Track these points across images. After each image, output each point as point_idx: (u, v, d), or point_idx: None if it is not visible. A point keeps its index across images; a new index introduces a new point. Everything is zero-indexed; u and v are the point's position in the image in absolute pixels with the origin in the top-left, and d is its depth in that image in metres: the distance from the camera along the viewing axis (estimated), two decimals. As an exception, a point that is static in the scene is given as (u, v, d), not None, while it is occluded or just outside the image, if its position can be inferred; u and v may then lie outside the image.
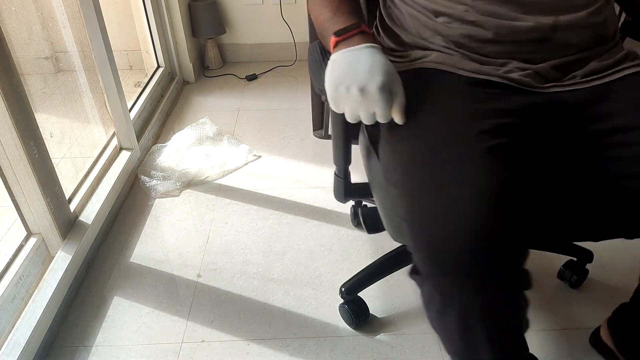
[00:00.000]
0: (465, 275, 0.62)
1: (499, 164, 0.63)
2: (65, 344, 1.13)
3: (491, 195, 0.60)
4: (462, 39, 0.78)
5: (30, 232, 1.20)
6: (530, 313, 1.18)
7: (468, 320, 0.67)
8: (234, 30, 2.52)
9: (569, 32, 0.76)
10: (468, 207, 0.60)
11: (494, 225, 0.59)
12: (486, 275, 0.62)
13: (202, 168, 1.68)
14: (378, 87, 0.67)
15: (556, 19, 0.75)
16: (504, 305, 0.67)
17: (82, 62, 1.59)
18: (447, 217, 0.61)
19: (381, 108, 0.68)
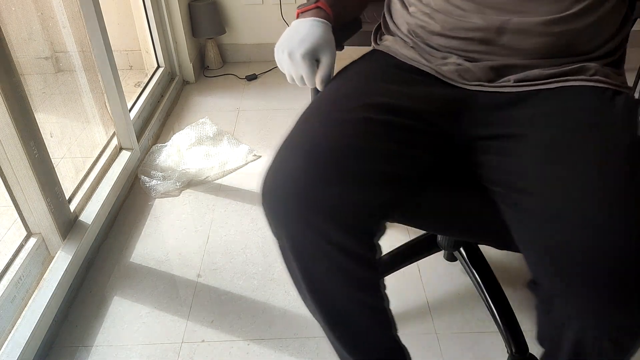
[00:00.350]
0: (276, 214, 0.67)
1: (358, 132, 0.68)
2: (65, 344, 1.13)
3: (327, 153, 0.65)
4: (417, 29, 0.83)
5: (30, 232, 1.20)
6: (530, 313, 1.19)
7: (288, 262, 0.72)
8: (234, 30, 2.52)
9: (517, 36, 0.75)
10: (300, 157, 0.66)
11: (314, 177, 0.64)
12: (294, 219, 0.66)
13: (202, 168, 1.68)
14: (301, 54, 0.77)
15: (506, 21, 0.74)
16: (315, 250, 0.67)
17: (82, 62, 1.59)
18: (282, 165, 0.67)
19: (305, 73, 0.79)
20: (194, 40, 2.45)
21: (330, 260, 0.68)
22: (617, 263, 0.55)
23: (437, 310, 1.18)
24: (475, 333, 1.13)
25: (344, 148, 0.66)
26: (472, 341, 1.11)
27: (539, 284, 0.64)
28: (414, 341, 1.11)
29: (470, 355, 1.08)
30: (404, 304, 1.20)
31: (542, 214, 0.61)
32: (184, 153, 1.76)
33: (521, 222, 0.65)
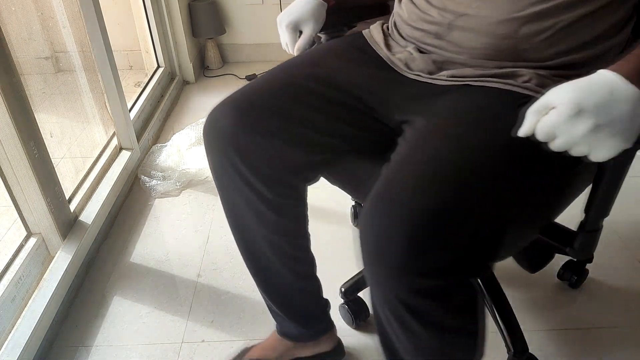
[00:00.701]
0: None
1: (290, 96, 0.78)
2: (65, 344, 1.13)
3: (254, 109, 0.76)
4: (397, 18, 0.89)
5: (30, 232, 1.20)
6: (530, 313, 1.19)
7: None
8: (234, 30, 2.52)
9: (464, 34, 0.75)
10: (234, 107, 0.77)
11: (238, 125, 0.76)
12: (220, 147, 0.79)
13: (202, 168, 1.68)
14: (285, 24, 0.92)
15: (456, 18, 0.76)
16: (233, 184, 0.81)
17: (82, 62, 1.59)
18: (220, 109, 0.79)
19: (287, 40, 0.93)
20: (194, 40, 2.45)
21: (244, 196, 0.80)
22: (380, 232, 0.58)
23: (437, 310, 1.18)
24: (475, 333, 1.13)
25: (271, 107, 0.77)
26: (472, 341, 1.11)
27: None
28: (414, 341, 1.11)
29: (470, 355, 1.08)
30: (404, 304, 1.20)
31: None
32: (184, 153, 1.76)
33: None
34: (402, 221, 0.57)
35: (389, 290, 0.60)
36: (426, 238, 0.56)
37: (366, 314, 1.14)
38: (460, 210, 0.58)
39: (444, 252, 0.57)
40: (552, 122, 0.54)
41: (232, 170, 0.78)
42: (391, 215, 0.58)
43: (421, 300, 0.59)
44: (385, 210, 0.59)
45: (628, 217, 1.45)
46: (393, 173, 0.63)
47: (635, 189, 1.56)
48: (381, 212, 0.59)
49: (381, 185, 0.62)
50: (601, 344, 1.09)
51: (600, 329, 1.13)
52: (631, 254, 1.32)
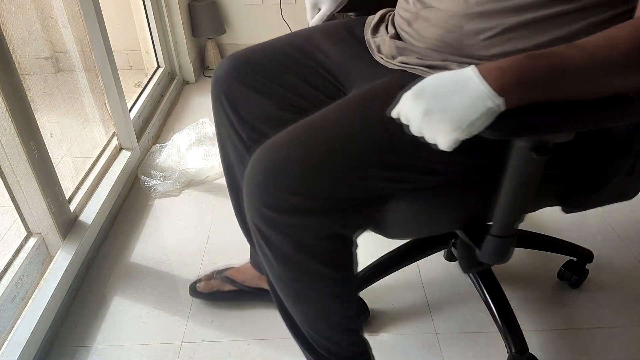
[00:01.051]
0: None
1: (278, 60, 0.92)
2: (65, 344, 1.13)
3: (245, 64, 0.92)
4: (397, 5, 0.92)
5: (30, 232, 1.20)
6: (530, 313, 1.19)
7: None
8: (234, 30, 2.52)
9: (423, 23, 0.79)
10: (230, 59, 0.94)
11: (231, 74, 0.92)
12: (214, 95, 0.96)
13: (202, 168, 1.68)
14: (307, 1, 1.01)
15: (423, 8, 0.79)
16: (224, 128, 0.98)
17: (82, 62, 1.59)
18: (222, 61, 0.95)
19: (307, 15, 1.03)
20: (194, 40, 2.45)
21: (229, 135, 0.97)
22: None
23: (437, 310, 1.18)
24: (475, 333, 1.13)
25: (260, 66, 0.91)
26: (472, 341, 1.11)
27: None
28: (414, 341, 1.11)
29: (470, 355, 1.08)
30: (404, 304, 1.20)
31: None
32: (184, 153, 1.76)
33: None
34: (265, 164, 0.69)
35: (250, 216, 0.71)
36: (274, 181, 0.67)
37: (366, 314, 1.14)
38: (312, 167, 0.67)
39: (290, 196, 0.67)
40: (400, 103, 0.59)
41: (222, 111, 0.95)
42: (261, 159, 0.70)
43: (270, 230, 0.70)
44: (261, 154, 0.70)
45: (628, 217, 1.45)
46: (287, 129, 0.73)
47: (635, 189, 1.56)
48: (258, 155, 0.70)
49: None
50: (601, 344, 1.09)
51: (600, 329, 1.13)
52: (631, 254, 1.32)
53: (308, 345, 0.86)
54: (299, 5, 2.41)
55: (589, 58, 0.57)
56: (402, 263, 1.19)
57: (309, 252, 0.72)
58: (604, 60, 0.57)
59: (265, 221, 0.69)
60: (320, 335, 0.83)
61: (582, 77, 0.57)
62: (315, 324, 0.82)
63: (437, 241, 1.17)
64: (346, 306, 0.82)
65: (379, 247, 1.37)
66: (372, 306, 1.18)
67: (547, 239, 1.25)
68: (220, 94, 0.93)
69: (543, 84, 0.56)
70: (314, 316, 0.81)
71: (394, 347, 1.10)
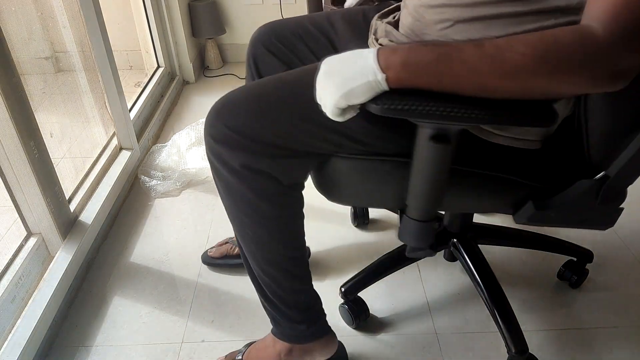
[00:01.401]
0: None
1: (299, 33, 1.06)
2: (65, 344, 1.13)
3: (275, 26, 1.08)
4: None
5: (30, 232, 1.20)
6: (530, 313, 1.19)
7: None
8: (234, 30, 2.52)
9: (404, 12, 0.82)
10: (268, 24, 1.10)
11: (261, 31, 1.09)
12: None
13: (202, 168, 1.68)
14: None
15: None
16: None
17: (82, 62, 1.59)
18: (265, 24, 1.10)
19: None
20: (194, 40, 2.45)
21: (253, 79, 1.13)
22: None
23: (437, 310, 1.18)
24: (475, 333, 1.13)
25: (284, 36, 1.06)
26: (472, 341, 1.11)
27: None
28: (414, 341, 1.11)
29: (470, 355, 1.08)
30: (404, 304, 1.20)
31: None
32: (184, 153, 1.76)
33: None
34: (218, 102, 0.80)
35: (207, 136, 0.80)
36: (217, 116, 0.78)
37: (366, 314, 1.14)
38: (246, 109, 0.77)
39: (225, 129, 0.76)
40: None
41: (249, 70, 1.11)
42: (222, 99, 0.80)
43: (214, 158, 0.80)
44: (224, 96, 0.80)
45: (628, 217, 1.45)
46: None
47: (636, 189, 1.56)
48: (223, 97, 0.80)
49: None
50: (601, 344, 1.10)
51: (600, 329, 1.13)
52: (631, 254, 1.32)
53: (259, 286, 0.92)
54: (299, 5, 2.41)
55: (481, 54, 0.58)
56: (402, 263, 1.19)
57: (245, 182, 0.79)
58: (496, 59, 0.57)
59: (211, 149, 0.80)
60: (264, 273, 0.88)
61: (469, 72, 0.58)
62: (256, 259, 0.88)
63: (437, 241, 1.17)
64: (288, 246, 0.87)
65: (378, 247, 1.37)
66: (372, 306, 1.18)
67: (547, 239, 1.25)
68: (250, 56, 1.09)
69: (427, 69, 0.59)
70: (255, 249, 0.87)
71: (394, 347, 1.10)
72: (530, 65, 0.56)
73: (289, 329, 0.95)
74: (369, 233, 1.42)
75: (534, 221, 0.82)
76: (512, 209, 0.84)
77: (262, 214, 0.83)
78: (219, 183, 0.84)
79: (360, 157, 0.78)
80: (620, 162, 0.73)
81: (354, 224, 1.45)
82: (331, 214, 1.48)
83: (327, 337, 0.99)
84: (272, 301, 0.91)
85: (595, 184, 0.76)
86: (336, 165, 0.80)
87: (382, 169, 0.78)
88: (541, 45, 0.56)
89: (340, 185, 0.82)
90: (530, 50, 0.56)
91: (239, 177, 0.79)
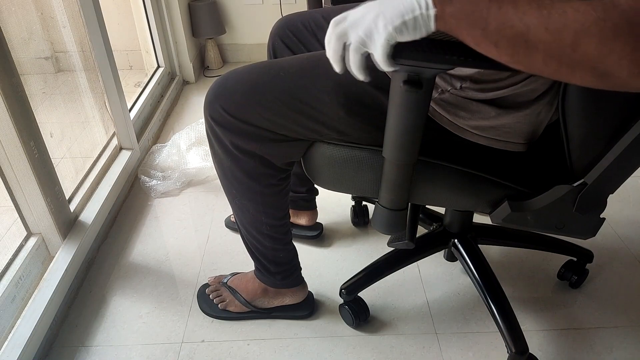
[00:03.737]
0: None
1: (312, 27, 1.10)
2: (65, 344, 1.13)
3: (293, 18, 1.13)
4: None
5: (30, 232, 1.20)
6: (530, 313, 1.19)
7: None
8: (234, 30, 2.52)
9: None
10: (290, 15, 1.16)
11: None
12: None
13: (202, 168, 1.68)
14: None
15: None
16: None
17: (82, 62, 1.59)
18: (288, 15, 1.17)
19: None
20: (194, 40, 2.45)
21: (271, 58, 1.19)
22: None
23: (437, 310, 1.18)
24: (475, 333, 1.13)
25: (296, 27, 1.10)
26: (472, 341, 1.11)
27: None
28: (414, 341, 1.11)
29: (470, 355, 1.08)
30: (404, 304, 1.20)
31: None
32: (184, 153, 1.76)
33: None
34: (215, 82, 0.85)
35: (206, 113, 0.86)
36: (214, 96, 0.84)
37: (366, 314, 1.14)
38: (239, 92, 0.82)
39: (220, 109, 0.82)
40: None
41: (271, 52, 1.15)
42: (222, 78, 0.85)
43: (211, 135, 0.88)
44: (225, 75, 0.86)
45: (628, 217, 1.45)
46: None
47: (636, 189, 1.56)
48: (224, 76, 0.86)
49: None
50: (601, 344, 1.10)
51: (600, 329, 1.13)
52: (631, 254, 1.32)
53: (244, 240, 1.06)
54: (299, 5, 2.41)
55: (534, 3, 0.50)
56: (402, 263, 1.19)
57: (235, 159, 0.88)
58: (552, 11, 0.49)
59: (209, 126, 0.87)
60: (248, 233, 1.02)
61: (516, 17, 0.51)
62: (241, 221, 1.01)
63: (437, 241, 1.17)
64: (270, 217, 0.98)
65: (378, 248, 1.37)
66: (372, 306, 1.18)
67: (547, 239, 1.25)
68: (270, 48, 1.15)
69: (475, 14, 0.53)
70: (241, 215, 0.99)
71: (394, 347, 1.10)
72: (586, 23, 0.48)
73: (266, 277, 1.10)
74: (369, 233, 1.42)
75: (510, 222, 0.83)
76: (490, 209, 0.85)
77: (249, 189, 0.92)
78: (213, 157, 0.92)
79: (340, 144, 0.83)
80: (597, 171, 0.73)
81: (354, 223, 1.45)
82: (331, 214, 1.48)
83: (299, 287, 1.14)
84: (253, 254, 1.07)
85: (572, 191, 0.76)
86: (319, 150, 0.85)
87: (359, 156, 0.82)
88: (600, 5, 0.48)
89: (323, 170, 0.87)
90: (572, 34, 0.49)
91: (230, 154, 0.88)
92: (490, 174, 0.80)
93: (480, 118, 0.76)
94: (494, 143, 0.78)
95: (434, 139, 0.78)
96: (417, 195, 0.84)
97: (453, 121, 0.77)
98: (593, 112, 0.70)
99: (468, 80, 0.74)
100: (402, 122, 0.68)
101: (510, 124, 0.76)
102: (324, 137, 0.83)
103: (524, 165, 0.82)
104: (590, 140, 0.73)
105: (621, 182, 0.76)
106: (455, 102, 0.76)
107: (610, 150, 0.70)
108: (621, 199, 1.52)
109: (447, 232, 1.15)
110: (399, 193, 0.77)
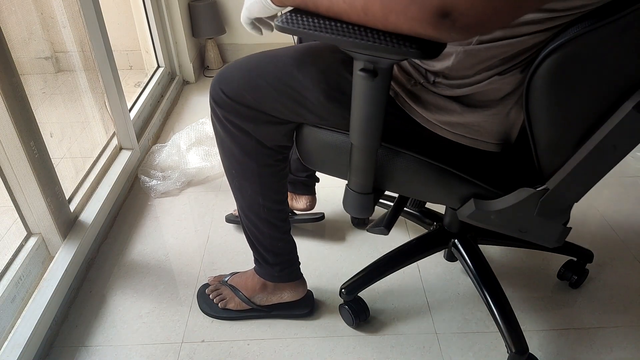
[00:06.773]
0: None
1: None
2: (65, 344, 1.13)
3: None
4: None
5: (30, 232, 1.20)
6: (530, 313, 1.19)
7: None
8: (234, 30, 2.52)
9: None
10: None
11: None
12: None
13: (202, 168, 1.68)
14: None
15: None
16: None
17: (82, 62, 1.59)
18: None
19: None
20: (194, 40, 2.45)
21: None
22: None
23: (437, 310, 1.18)
24: (475, 333, 1.13)
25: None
26: (472, 341, 1.11)
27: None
28: (414, 341, 1.11)
29: (470, 355, 1.08)
30: (404, 304, 1.20)
31: None
32: (184, 153, 1.76)
33: None
34: (225, 68, 0.92)
35: (210, 96, 0.94)
36: (218, 81, 0.91)
37: (366, 314, 1.14)
38: (237, 78, 0.89)
39: (220, 92, 0.90)
40: None
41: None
42: (226, 67, 0.93)
43: (214, 117, 0.95)
44: (229, 64, 0.93)
45: (628, 217, 1.45)
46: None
47: (636, 189, 1.56)
48: (228, 65, 0.93)
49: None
50: (601, 344, 1.10)
51: (600, 328, 1.13)
52: (631, 254, 1.32)
53: (243, 228, 1.08)
54: (299, 5, 2.40)
55: None
56: (402, 263, 1.19)
57: (234, 140, 0.94)
58: None
59: (212, 108, 0.94)
60: (247, 217, 1.04)
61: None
62: (240, 205, 1.03)
63: (437, 241, 1.17)
64: (267, 199, 1.01)
65: (378, 248, 1.37)
66: (372, 306, 1.18)
67: (547, 239, 1.25)
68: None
69: None
70: (240, 196, 1.02)
71: (394, 347, 1.10)
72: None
73: (264, 269, 1.11)
74: (369, 233, 1.42)
75: (475, 220, 0.84)
76: (459, 204, 0.86)
77: (246, 169, 0.97)
78: (217, 139, 0.98)
79: (322, 128, 0.88)
80: (559, 176, 0.74)
81: (354, 223, 1.45)
82: (331, 214, 1.48)
83: (297, 282, 1.14)
84: (252, 242, 1.08)
85: (534, 195, 0.76)
86: (307, 132, 0.91)
87: (337, 140, 0.86)
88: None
89: (311, 151, 0.92)
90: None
91: (230, 135, 0.94)
92: (461, 170, 0.81)
93: (447, 114, 0.78)
94: (462, 140, 0.80)
95: (407, 129, 0.82)
96: (389, 183, 0.87)
97: (423, 114, 0.80)
98: (559, 116, 0.71)
99: (441, 76, 0.77)
100: (363, 108, 0.73)
101: (478, 122, 0.78)
102: (307, 120, 0.89)
103: (498, 166, 0.82)
104: (559, 145, 0.73)
105: (585, 191, 0.75)
106: (426, 95, 0.79)
107: (573, 157, 0.71)
108: (621, 199, 1.52)
109: (446, 232, 1.15)
110: (365, 177, 0.82)
